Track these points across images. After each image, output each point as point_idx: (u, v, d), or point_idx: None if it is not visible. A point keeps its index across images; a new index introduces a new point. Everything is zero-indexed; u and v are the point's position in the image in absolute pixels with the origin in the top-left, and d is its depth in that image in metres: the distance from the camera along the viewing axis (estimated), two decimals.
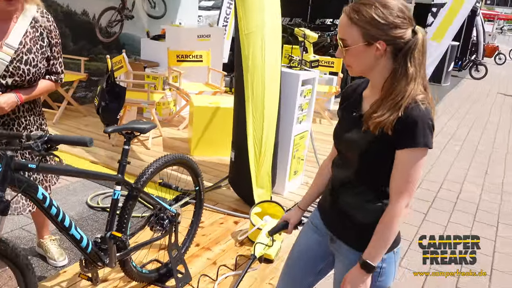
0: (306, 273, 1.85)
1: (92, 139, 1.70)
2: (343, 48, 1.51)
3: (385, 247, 1.52)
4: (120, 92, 4.86)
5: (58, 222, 2.04)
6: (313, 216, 1.83)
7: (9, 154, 1.76)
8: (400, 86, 1.45)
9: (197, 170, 2.92)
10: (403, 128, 1.44)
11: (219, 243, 3.31)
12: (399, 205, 1.48)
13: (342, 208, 1.64)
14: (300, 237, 1.89)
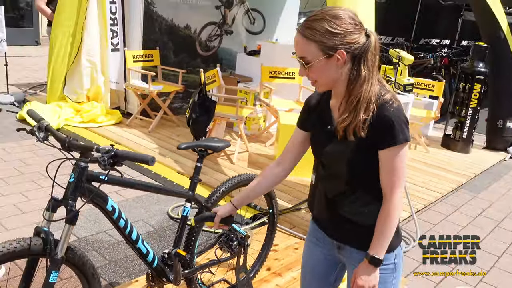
0: (325, 285, 1.89)
1: (154, 158, 1.69)
2: (306, 66, 1.54)
3: (388, 240, 1.59)
4: (210, 106, 4.97)
5: (125, 234, 2.07)
6: (311, 232, 1.87)
7: (83, 165, 1.82)
8: (356, 89, 1.52)
9: (272, 192, 2.84)
10: (381, 129, 1.52)
11: (291, 270, 3.18)
12: (394, 199, 1.57)
13: (343, 216, 1.67)
14: (306, 257, 1.92)
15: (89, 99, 6.26)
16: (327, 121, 1.66)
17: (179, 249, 2.32)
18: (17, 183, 4.20)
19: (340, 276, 1.89)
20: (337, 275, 1.88)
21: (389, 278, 1.68)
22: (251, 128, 6.23)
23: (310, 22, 1.51)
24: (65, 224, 1.79)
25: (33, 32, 12.25)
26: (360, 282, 1.61)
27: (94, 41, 6.11)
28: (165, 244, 3.40)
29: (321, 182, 1.76)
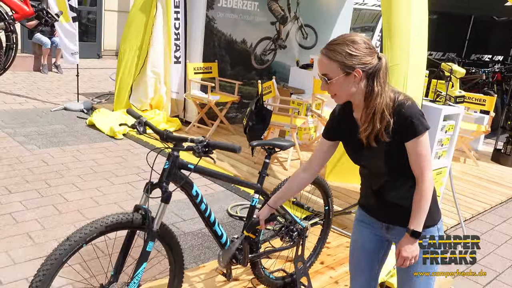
0: (372, 264, 2.16)
1: (241, 147, 2.02)
2: (328, 81, 1.84)
3: (424, 216, 1.87)
4: (266, 115, 5.30)
5: (205, 217, 2.39)
6: (359, 216, 2.16)
7: (176, 154, 2.16)
8: (371, 102, 1.82)
9: (329, 191, 3.10)
10: (403, 127, 1.81)
11: (343, 265, 3.41)
12: (425, 180, 1.84)
13: (390, 202, 1.97)
14: (355, 236, 2.19)
15: (152, 107, 6.75)
16: (354, 131, 1.94)
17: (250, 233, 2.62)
18: (92, 180, 4.66)
19: (387, 253, 2.16)
20: (385, 252, 2.16)
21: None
22: (302, 138, 6.51)
23: (333, 46, 1.83)
24: (161, 203, 2.13)
25: (96, 46, 13.08)
26: (405, 253, 1.92)
27: (158, 54, 6.61)
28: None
29: (365, 178, 2.09)
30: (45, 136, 5.91)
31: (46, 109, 7.24)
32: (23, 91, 8.37)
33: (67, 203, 4.03)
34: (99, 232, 1.96)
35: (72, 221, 3.71)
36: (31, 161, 4.98)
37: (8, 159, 4.97)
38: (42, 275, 1.83)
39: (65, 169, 4.85)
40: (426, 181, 1.85)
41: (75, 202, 4.05)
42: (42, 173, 4.68)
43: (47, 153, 5.31)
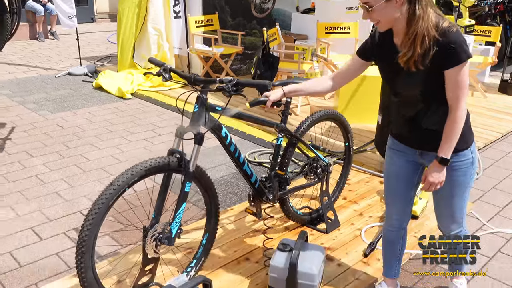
0: (408, 188, 2.22)
1: (270, 82, 2.06)
2: (369, 9, 1.84)
3: (454, 143, 1.90)
4: (274, 62, 5.28)
5: (235, 157, 2.46)
6: (392, 145, 2.19)
7: (205, 97, 2.20)
8: (413, 26, 1.80)
9: (348, 127, 3.16)
10: (445, 53, 1.78)
11: (365, 198, 3.53)
12: (459, 109, 1.86)
13: (423, 128, 1.99)
14: (388, 165, 2.23)
15: None
16: (393, 57, 1.93)
17: (279, 170, 2.71)
18: (108, 139, 4.72)
19: (421, 176, 2.19)
20: (419, 176, 2.19)
21: (468, 170, 2.05)
22: None
23: None
24: (194, 145, 2.19)
25: (88, 10, 12.83)
26: (431, 179, 1.98)
27: (158, 10, 6.52)
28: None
29: (397, 106, 2.10)
30: (54, 102, 5.93)
31: (50, 75, 7.22)
32: (24, 60, 8.31)
33: (89, 162, 4.11)
34: (139, 176, 2.03)
35: (97, 178, 3.80)
36: (46, 126, 5.04)
37: (23, 126, 5.02)
38: (91, 219, 1.92)
39: (80, 131, 4.91)
40: (460, 109, 1.86)
41: (97, 161, 4.13)
42: (59, 136, 4.74)
43: (60, 117, 5.35)
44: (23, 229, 3.06)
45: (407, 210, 2.30)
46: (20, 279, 2.59)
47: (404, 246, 2.41)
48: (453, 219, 2.19)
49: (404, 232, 2.38)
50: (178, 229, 2.18)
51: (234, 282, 2.53)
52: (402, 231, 2.37)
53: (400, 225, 2.33)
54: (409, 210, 2.31)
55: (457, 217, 2.18)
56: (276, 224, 3.11)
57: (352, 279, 2.59)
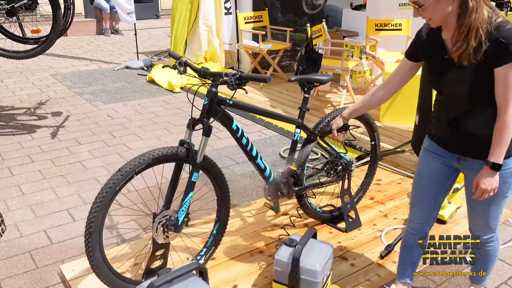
0: (438, 192, 2.15)
1: (270, 77, 2.08)
2: (419, 8, 1.80)
3: (505, 148, 1.80)
4: (317, 59, 5.26)
5: (247, 150, 2.51)
6: (428, 146, 2.11)
7: (214, 90, 2.26)
8: (466, 20, 1.73)
9: (374, 125, 3.09)
10: (497, 50, 1.70)
11: (393, 200, 3.44)
12: (509, 111, 1.75)
13: (465, 132, 1.90)
14: (422, 165, 2.15)
15: (206, 60, 6.90)
16: (442, 52, 1.87)
17: (292, 165, 2.72)
18: (152, 130, 4.93)
19: (453, 182, 2.14)
20: (452, 181, 2.13)
21: (509, 179, 1.94)
22: (357, 82, 6.40)
23: None
24: (202, 136, 2.26)
25: (153, 6, 13.35)
26: (483, 186, 1.86)
27: (209, 6, 6.68)
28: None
29: (440, 107, 2.04)
30: (109, 93, 6.27)
31: (109, 69, 7.62)
32: (88, 54, 8.83)
33: (130, 151, 4.33)
34: (147, 164, 2.13)
35: None
36: (97, 116, 5.35)
37: (77, 115, 5.36)
38: (99, 202, 2.05)
39: (127, 122, 5.16)
40: (509, 112, 1.75)
41: (137, 150, 4.33)
42: (107, 125, 5.02)
43: (112, 108, 5.65)
44: (60, 210, 3.30)
45: (433, 215, 2.23)
46: (50, 255, 2.80)
47: (422, 252, 2.33)
48: (487, 226, 2.11)
49: (426, 237, 2.31)
50: (185, 217, 2.27)
51: (244, 273, 2.58)
52: (424, 236, 2.30)
53: (423, 229, 2.27)
54: (434, 215, 2.24)
55: (491, 224, 2.10)
56: (297, 220, 3.12)
57: (362, 279, 2.56)
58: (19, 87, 6.46)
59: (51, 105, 5.71)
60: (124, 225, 3.10)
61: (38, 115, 5.31)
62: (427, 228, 2.26)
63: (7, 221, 3.12)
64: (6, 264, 2.70)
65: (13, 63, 7.70)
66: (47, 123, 5.05)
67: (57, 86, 6.58)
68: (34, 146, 4.41)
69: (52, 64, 7.89)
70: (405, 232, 2.35)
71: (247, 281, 2.52)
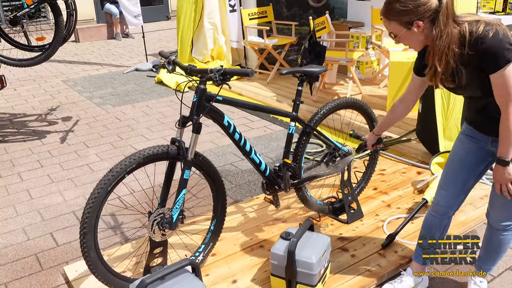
0: (469, 175, 2.14)
1: (253, 70, 2.08)
2: (395, 37, 1.91)
3: (511, 144, 1.83)
4: (321, 51, 5.22)
5: (240, 146, 2.51)
6: (465, 131, 2.12)
7: (202, 87, 2.27)
8: (432, 44, 1.83)
9: (372, 115, 3.06)
10: (483, 60, 1.75)
11: (397, 189, 3.40)
12: (509, 112, 1.79)
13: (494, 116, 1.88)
14: (457, 149, 2.17)
15: (213, 58, 6.92)
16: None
17: (286, 159, 2.71)
18: (159, 131, 4.98)
19: (487, 169, 2.12)
20: (483, 169, 2.12)
21: None
22: (365, 72, 6.33)
23: (387, 5, 1.87)
24: (192, 134, 2.28)
25: (163, 8, 13.45)
26: (497, 179, 1.94)
27: (213, 4, 6.70)
28: None
29: (465, 99, 2.10)
30: (118, 96, 6.35)
31: (119, 72, 7.72)
32: (99, 59, 8.95)
33: None
34: (137, 163, 2.16)
35: None
36: (106, 119, 5.42)
37: (86, 119, 5.45)
38: (91, 203, 2.08)
39: (135, 123, 5.22)
40: (509, 115, 1.78)
41: None
42: (115, 128, 5.09)
43: (120, 110, 5.73)
44: (66, 213, 3.36)
45: (459, 199, 2.22)
46: (55, 257, 2.86)
47: (443, 235, 2.34)
48: (507, 211, 2.10)
49: (448, 221, 2.31)
50: (179, 214, 2.29)
51: (244, 268, 2.59)
52: (446, 220, 2.30)
53: (446, 212, 2.26)
54: (460, 200, 2.23)
55: (510, 213, 2.09)
56: (299, 213, 3.11)
57: (363, 270, 2.54)
58: (32, 94, 6.60)
59: (61, 110, 5.82)
60: (127, 225, 3.14)
61: (48, 121, 5.41)
62: (450, 211, 2.26)
63: (15, 226, 3.20)
64: (13, 267, 2.76)
65: (25, 71, 7.87)
66: (57, 128, 5.15)
67: (68, 91, 6.70)
68: (44, 151, 4.50)
69: (64, 70, 8.03)
70: (427, 213, 2.35)
71: (246, 276, 2.52)
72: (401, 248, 2.71)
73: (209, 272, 2.57)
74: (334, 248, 2.73)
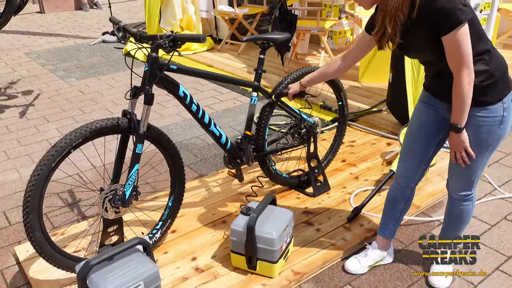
0: (427, 145, 2.07)
1: (205, 36, 1.93)
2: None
3: (464, 111, 1.76)
4: (292, 20, 5.05)
5: (198, 118, 2.38)
6: (423, 98, 2.04)
7: (154, 55, 2.11)
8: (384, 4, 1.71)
9: (339, 84, 2.95)
10: (439, 19, 1.64)
11: (366, 161, 3.32)
12: (461, 77, 1.70)
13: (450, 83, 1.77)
14: (415, 117, 2.09)
15: (182, 28, 6.67)
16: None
17: (247, 131, 2.59)
18: (124, 104, 4.73)
19: (445, 139, 2.04)
20: (443, 138, 2.05)
21: (494, 129, 1.84)
22: (338, 42, 6.20)
23: None
24: (144, 105, 2.13)
25: None
26: (452, 147, 1.89)
27: None
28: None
29: (422, 64, 2.01)
30: (83, 69, 6.09)
31: (85, 44, 7.42)
32: (65, 30, 8.59)
33: None
34: (84, 138, 2.01)
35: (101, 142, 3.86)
36: (68, 92, 5.20)
37: (49, 92, 5.21)
38: (34, 180, 1.93)
39: (99, 96, 5.01)
40: (460, 78, 1.70)
41: None
42: (78, 101, 4.88)
43: (84, 83, 5.49)
44: (21, 190, 3.19)
45: (420, 170, 2.15)
46: (7, 236, 2.71)
47: (406, 208, 2.29)
48: (464, 181, 2.03)
49: (411, 192, 2.25)
50: (133, 191, 2.16)
51: (204, 245, 2.49)
52: (409, 191, 2.23)
53: (408, 184, 2.20)
54: (421, 170, 2.16)
55: (468, 179, 2.01)
56: (265, 187, 3.02)
57: (327, 244, 2.47)
58: None
59: (22, 84, 5.55)
60: (83, 203, 3.00)
61: (8, 95, 5.16)
62: (412, 183, 2.20)
63: None
64: None
65: None
66: (17, 103, 4.91)
67: (30, 64, 6.40)
68: (1, 127, 4.28)
69: (27, 43, 7.68)
70: (390, 187, 2.28)
71: (207, 253, 2.43)
72: (367, 221, 2.65)
73: (168, 250, 2.46)
74: (298, 222, 2.65)
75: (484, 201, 2.88)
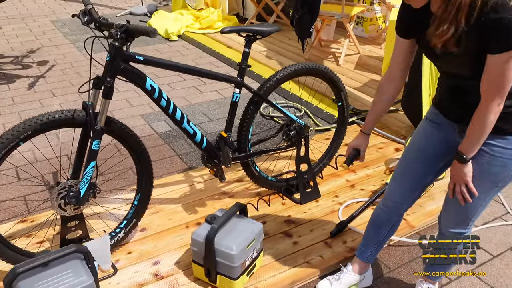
0: (427, 170, 1.81)
1: (155, 30, 1.73)
2: None
3: (479, 141, 1.52)
4: (315, 4, 4.72)
5: (169, 114, 2.19)
6: (430, 115, 1.77)
7: (117, 45, 1.93)
8: None
9: (339, 83, 2.68)
10: (494, 33, 1.33)
11: (368, 168, 3.05)
12: (490, 105, 1.43)
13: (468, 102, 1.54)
14: (417, 136, 1.82)
15: (208, 5, 6.45)
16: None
17: (223, 131, 2.38)
18: None
19: (448, 164, 1.75)
20: (443, 167, 1.80)
21: (511, 164, 1.57)
22: (369, 30, 5.82)
23: None
24: (102, 99, 1.96)
25: None
26: (453, 177, 1.64)
27: None
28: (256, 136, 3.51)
29: (442, 75, 1.69)
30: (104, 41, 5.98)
31: (113, 14, 7.32)
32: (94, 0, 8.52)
33: None
34: (33, 130, 1.87)
35: None
36: (82, 65, 5.12)
37: (63, 64, 5.16)
38: None
39: None
40: (489, 109, 1.43)
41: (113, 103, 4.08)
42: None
43: (100, 57, 5.37)
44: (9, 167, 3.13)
45: (413, 196, 1.90)
46: None
47: (391, 233, 2.04)
48: (460, 216, 1.75)
49: (398, 219, 1.99)
50: (89, 188, 2.01)
51: (171, 248, 2.33)
52: (396, 217, 1.98)
53: (396, 210, 1.95)
54: (414, 197, 1.91)
55: (465, 215, 1.73)
56: (250, 188, 2.82)
57: (301, 261, 2.26)
58: (16, 34, 6.30)
59: (40, 53, 5.52)
60: None
61: (23, 64, 5.13)
62: (402, 209, 1.94)
63: None
64: None
65: (17, 8, 7.53)
66: (29, 73, 4.87)
67: (53, 33, 6.37)
68: (7, 98, 4.25)
69: (57, 10, 7.67)
70: (377, 207, 2.02)
71: (171, 258, 2.27)
72: (351, 238, 2.41)
73: (133, 250, 2.32)
74: (277, 232, 2.45)
75: (491, 226, 2.58)
